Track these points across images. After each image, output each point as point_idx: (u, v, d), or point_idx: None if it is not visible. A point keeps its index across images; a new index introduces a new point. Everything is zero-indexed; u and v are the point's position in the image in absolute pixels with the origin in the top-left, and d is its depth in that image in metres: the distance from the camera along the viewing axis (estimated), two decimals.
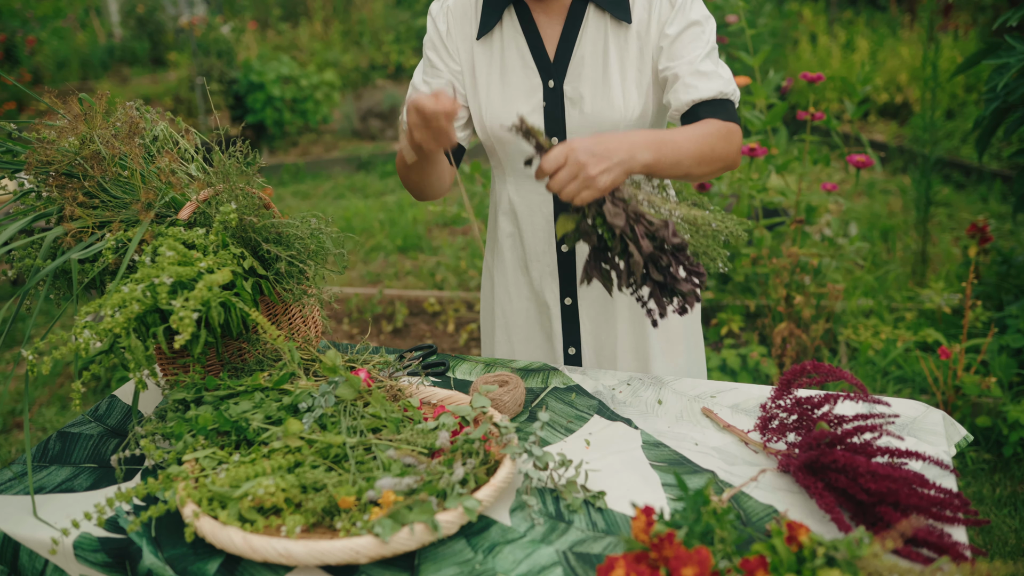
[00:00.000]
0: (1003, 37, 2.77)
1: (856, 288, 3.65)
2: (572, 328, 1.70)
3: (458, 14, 1.63)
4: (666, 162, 1.37)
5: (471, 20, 1.62)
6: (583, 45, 1.56)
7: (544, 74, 1.58)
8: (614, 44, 1.55)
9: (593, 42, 1.55)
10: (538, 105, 1.58)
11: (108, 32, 10.41)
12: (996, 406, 2.85)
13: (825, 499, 1.09)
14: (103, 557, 1.12)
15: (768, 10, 6.44)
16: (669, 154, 1.37)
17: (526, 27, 1.58)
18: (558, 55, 1.57)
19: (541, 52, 1.58)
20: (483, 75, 1.62)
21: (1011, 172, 5.31)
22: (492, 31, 1.60)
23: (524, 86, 1.59)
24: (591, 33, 1.55)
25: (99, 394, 3.51)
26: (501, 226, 1.73)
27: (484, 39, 1.61)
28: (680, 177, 1.43)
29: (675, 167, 1.39)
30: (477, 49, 1.62)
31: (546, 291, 1.70)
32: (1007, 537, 2.48)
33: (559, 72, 1.57)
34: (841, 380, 1.24)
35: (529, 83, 1.58)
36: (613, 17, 1.54)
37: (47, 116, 1.55)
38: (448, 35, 1.63)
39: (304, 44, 8.80)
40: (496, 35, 1.60)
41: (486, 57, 1.61)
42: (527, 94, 1.59)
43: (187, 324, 1.13)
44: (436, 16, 1.64)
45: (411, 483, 1.08)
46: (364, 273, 4.73)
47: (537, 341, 1.76)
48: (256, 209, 1.37)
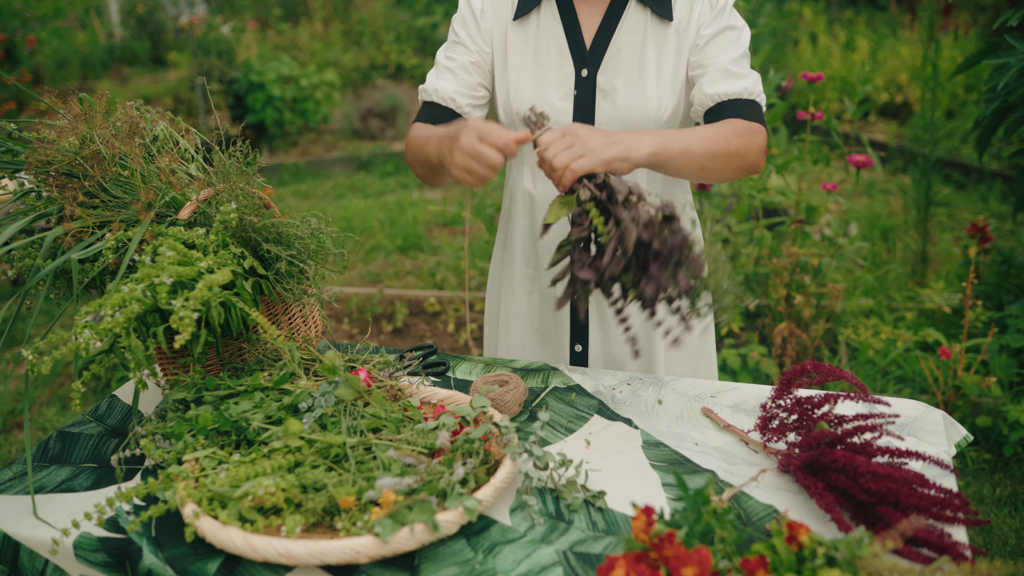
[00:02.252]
0: (1003, 37, 2.77)
1: (856, 288, 3.65)
2: (579, 325, 1.70)
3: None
4: (674, 151, 1.32)
5: (508, 1, 1.61)
6: (621, 37, 1.55)
7: (578, 63, 1.56)
8: (653, 40, 1.54)
9: (632, 35, 1.54)
10: (568, 93, 1.57)
11: (108, 32, 10.41)
12: (996, 406, 2.85)
13: (825, 499, 1.09)
14: (103, 557, 1.12)
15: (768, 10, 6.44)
16: (677, 143, 1.33)
17: (565, 13, 1.57)
18: (595, 45, 1.56)
19: (578, 40, 1.56)
20: (515, 57, 1.60)
21: (1011, 172, 5.31)
22: (529, 14, 1.59)
23: (557, 73, 1.57)
24: (631, 26, 1.55)
25: (99, 394, 3.51)
26: (515, 218, 1.71)
27: (520, 21, 1.60)
28: (695, 173, 1.38)
29: (685, 157, 1.34)
30: (512, 31, 1.60)
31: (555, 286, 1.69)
32: (1007, 537, 2.48)
33: (594, 62, 1.56)
34: (841, 380, 1.24)
35: (562, 71, 1.57)
36: (654, 13, 1.53)
37: (47, 116, 1.55)
38: (482, 13, 1.61)
39: (304, 44, 8.80)
40: (533, 18, 1.59)
41: (520, 40, 1.60)
42: (559, 81, 1.57)
43: (187, 324, 1.13)
44: None
45: (411, 483, 1.08)
46: (364, 273, 4.73)
47: (543, 337, 1.75)
48: (256, 209, 1.37)
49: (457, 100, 1.59)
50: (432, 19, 8.95)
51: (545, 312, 1.73)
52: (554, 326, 1.73)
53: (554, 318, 1.72)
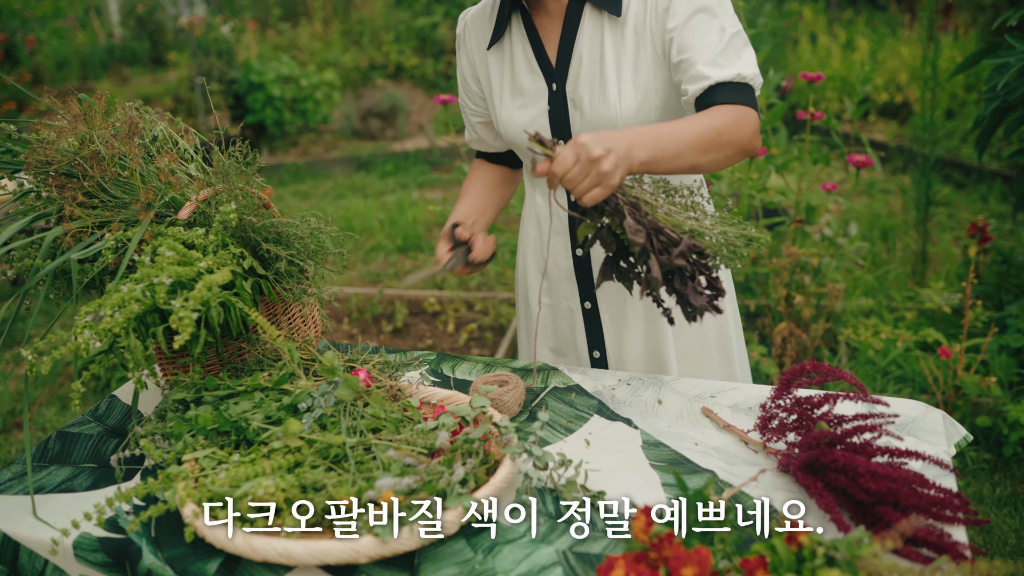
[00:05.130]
0: (1003, 36, 2.77)
1: (856, 288, 3.65)
2: (595, 331, 1.70)
3: (474, 26, 1.67)
4: (666, 156, 1.32)
5: (485, 31, 1.65)
6: (581, 45, 1.55)
7: (548, 77, 1.58)
8: (610, 41, 1.53)
9: (590, 41, 1.55)
10: (543, 110, 1.58)
11: (108, 32, 10.41)
12: (996, 406, 2.85)
13: (825, 499, 1.08)
14: (103, 557, 1.12)
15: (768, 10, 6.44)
16: (668, 148, 1.32)
17: (530, 32, 1.59)
18: (559, 57, 1.56)
19: (543, 56, 1.58)
20: (496, 83, 1.65)
21: (1011, 172, 5.31)
22: (502, 39, 1.62)
23: (532, 91, 1.60)
24: (588, 32, 1.55)
25: (99, 394, 3.51)
26: (527, 230, 1.76)
27: (495, 47, 1.64)
28: (687, 169, 1.38)
29: (677, 159, 1.34)
30: (491, 58, 1.65)
31: (566, 295, 1.71)
32: (1007, 537, 2.48)
33: (561, 75, 1.56)
34: (841, 380, 1.24)
35: (536, 87, 1.59)
36: (609, 14, 1.52)
37: (47, 116, 1.55)
38: (471, 49, 1.68)
39: (304, 44, 8.80)
40: (506, 42, 1.62)
41: (498, 65, 1.64)
42: (535, 98, 1.59)
43: (187, 324, 1.12)
44: (460, 32, 1.70)
45: (411, 483, 1.08)
46: (364, 273, 4.73)
47: (562, 346, 1.77)
48: (256, 209, 1.37)
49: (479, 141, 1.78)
50: (432, 19, 8.95)
51: (559, 321, 1.75)
52: (571, 334, 1.74)
53: (569, 327, 1.73)
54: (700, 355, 1.71)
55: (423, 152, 7.03)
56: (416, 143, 7.33)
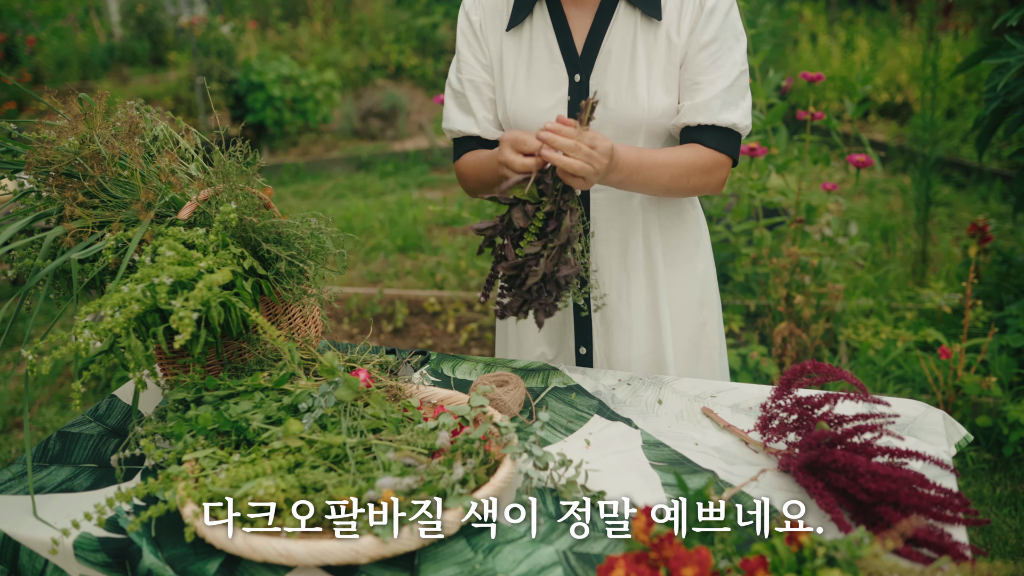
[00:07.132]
0: (1003, 37, 2.77)
1: (856, 288, 3.65)
2: (584, 327, 1.70)
3: (489, 6, 1.64)
4: (631, 185, 1.48)
5: (502, 13, 1.63)
6: (611, 39, 1.55)
7: (571, 68, 1.57)
8: (643, 40, 1.54)
9: (622, 37, 1.55)
10: (563, 99, 1.57)
11: (108, 32, 10.41)
12: (996, 406, 2.85)
13: (825, 499, 1.08)
14: (103, 557, 1.12)
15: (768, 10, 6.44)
16: (638, 180, 1.47)
17: (556, 20, 1.58)
18: (586, 49, 1.56)
19: (569, 45, 1.57)
20: (510, 67, 1.62)
21: (1011, 172, 5.31)
22: (522, 23, 1.61)
23: (550, 79, 1.58)
24: (620, 28, 1.55)
25: (99, 394, 3.51)
26: None
27: (513, 31, 1.61)
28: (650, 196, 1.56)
29: (641, 188, 1.51)
30: (506, 41, 1.62)
31: None
32: (1007, 537, 2.48)
33: (586, 66, 1.56)
34: (841, 380, 1.24)
35: (555, 77, 1.58)
36: (644, 13, 1.53)
37: (47, 116, 1.55)
38: (480, 27, 1.64)
39: (304, 44, 8.80)
40: (526, 27, 1.61)
41: (514, 49, 1.61)
42: (553, 88, 1.58)
43: (187, 324, 1.12)
44: (469, 9, 1.65)
45: (411, 483, 1.08)
46: (364, 273, 4.73)
47: (548, 339, 1.75)
48: (256, 209, 1.37)
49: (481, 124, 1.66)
50: (432, 19, 8.95)
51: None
52: (560, 328, 1.73)
53: (560, 320, 1.72)
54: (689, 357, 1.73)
55: (423, 152, 7.03)
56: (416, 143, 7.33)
